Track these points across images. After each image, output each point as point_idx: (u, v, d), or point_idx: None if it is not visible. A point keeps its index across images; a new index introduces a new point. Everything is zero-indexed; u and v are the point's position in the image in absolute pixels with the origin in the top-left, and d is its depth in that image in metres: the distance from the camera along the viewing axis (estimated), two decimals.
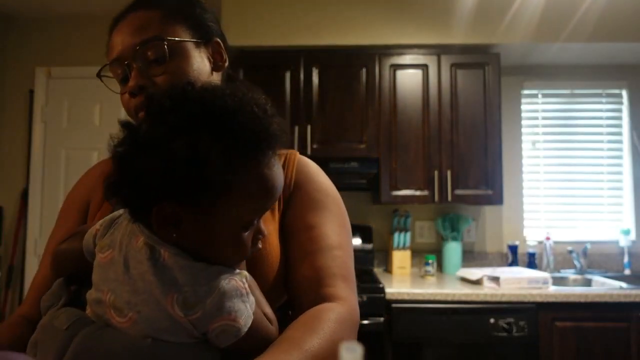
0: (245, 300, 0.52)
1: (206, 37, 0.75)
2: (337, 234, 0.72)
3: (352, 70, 2.55)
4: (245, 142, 0.52)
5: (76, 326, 0.52)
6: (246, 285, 0.54)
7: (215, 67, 0.76)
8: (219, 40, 0.77)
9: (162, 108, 0.52)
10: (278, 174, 0.56)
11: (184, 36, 0.72)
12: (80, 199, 0.81)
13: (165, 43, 0.69)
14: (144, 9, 0.72)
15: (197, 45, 0.73)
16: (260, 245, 0.59)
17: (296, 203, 0.73)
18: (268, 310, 0.58)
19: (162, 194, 0.50)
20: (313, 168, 0.79)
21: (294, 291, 0.69)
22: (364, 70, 2.54)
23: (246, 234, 0.55)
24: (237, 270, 0.56)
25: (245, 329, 0.51)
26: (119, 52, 0.71)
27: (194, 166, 0.49)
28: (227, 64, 0.78)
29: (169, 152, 0.49)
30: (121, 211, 0.59)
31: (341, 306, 0.63)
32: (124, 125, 0.53)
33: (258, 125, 0.53)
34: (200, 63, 0.73)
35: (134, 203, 0.53)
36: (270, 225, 0.70)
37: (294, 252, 0.70)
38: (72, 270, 0.61)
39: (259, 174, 0.53)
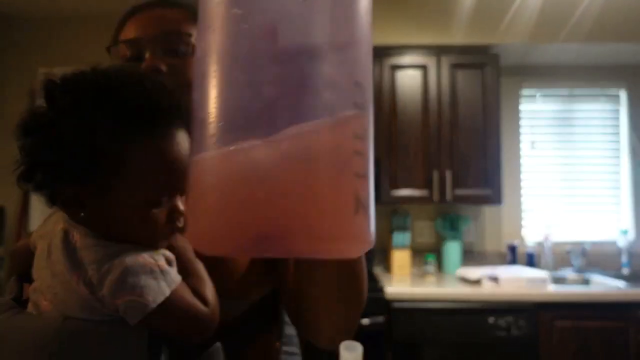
0: (156, 276, 0.51)
1: None
2: None
3: None
4: (134, 116, 0.51)
5: None
6: (160, 263, 0.52)
7: None
8: None
9: (52, 92, 0.53)
10: (178, 149, 0.53)
11: None
12: None
13: (188, 38, 0.70)
14: (169, 7, 0.73)
15: None
16: (180, 224, 0.56)
17: None
18: (207, 291, 0.56)
19: (59, 177, 0.52)
20: None
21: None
22: None
23: (154, 212, 0.53)
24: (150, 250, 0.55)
25: (154, 305, 0.50)
26: (138, 34, 0.71)
27: (81, 145, 0.49)
28: None
29: (57, 135, 0.50)
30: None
31: None
32: (27, 112, 0.54)
33: (149, 99, 0.52)
34: None
35: (42, 188, 0.54)
36: None
37: None
38: (24, 269, 0.61)
39: (154, 148, 0.52)
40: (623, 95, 2.91)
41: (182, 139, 0.54)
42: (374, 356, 2.07)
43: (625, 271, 2.68)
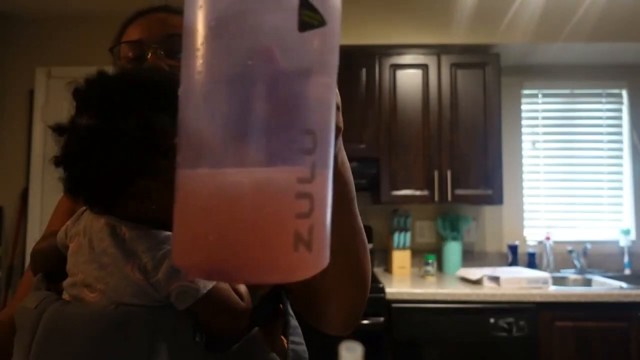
0: None
1: None
2: None
3: (352, 70, 2.55)
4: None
5: (44, 304, 0.55)
6: None
7: None
8: None
9: (92, 98, 0.54)
10: None
11: None
12: (67, 203, 0.83)
13: None
14: (172, 13, 0.76)
15: None
16: None
17: None
18: (242, 287, 0.59)
19: (130, 175, 0.53)
20: None
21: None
22: (363, 70, 2.54)
23: None
24: None
25: (204, 291, 0.52)
26: (141, 36, 0.73)
27: (150, 138, 0.51)
28: None
29: (120, 137, 0.51)
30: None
31: None
32: (57, 129, 0.54)
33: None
34: None
35: (99, 197, 0.56)
36: None
37: None
38: (50, 268, 0.63)
39: None
40: (625, 94, 2.90)
41: None
42: (374, 356, 2.06)
43: (627, 271, 2.67)
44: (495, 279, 2.21)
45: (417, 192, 2.50)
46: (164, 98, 0.53)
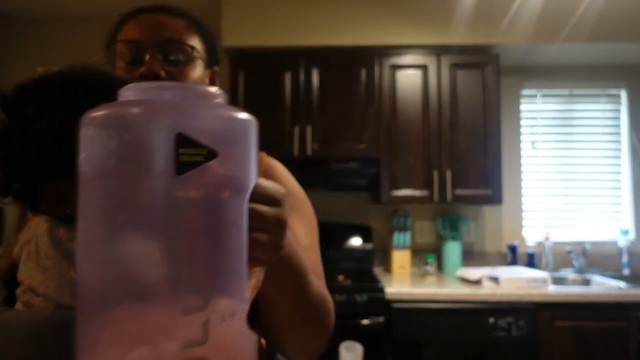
0: None
1: (211, 61, 0.79)
2: (307, 235, 0.76)
3: (352, 71, 2.55)
4: (95, 102, 0.53)
5: None
6: None
7: None
8: (217, 69, 0.81)
9: (9, 101, 0.56)
10: None
11: (201, 52, 0.75)
12: (19, 211, 0.85)
13: (189, 49, 0.73)
14: (168, 14, 0.75)
15: (205, 65, 0.77)
16: None
17: None
18: None
19: (39, 176, 0.54)
20: (281, 169, 0.81)
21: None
22: (363, 70, 2.55)
23: None
24: None
25: None
26: (140, 37, 0.72)
27: (57, 141, 0.52)
28: None
29: (33, 138, 0.52)
30: None
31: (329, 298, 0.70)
32: None
33: (102, 83, 0.55)
34: (202, 81, 0.76)
35: (23, 195, 0.57)
36: None
37: None
38: (9, 279, 0.64)
39: None
40: (623, 95, 2.91)
41: None
42: (374, 356, 2.07)
43: (626, 271, 2.67)
44: (495, 279, 2.22)
45: (417, 192, 2.51)
46: (83, 100, 0.52)
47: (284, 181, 0.78)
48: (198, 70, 0.74)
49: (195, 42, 0.75)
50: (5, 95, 0.57)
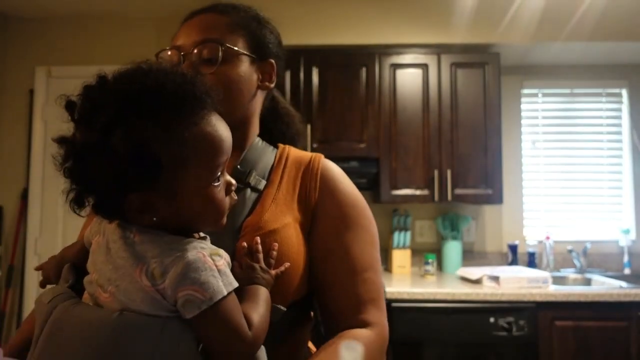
0: (214, 275, 0.53)
1: (262, 55, 0.79)
2: (368, 254, 0.76)
3: (352, 70, 2.55)
4: (174, 111, 0.53)
5: (56, 300, 0.56)
6: (218, 263, 0.54)
7: (261, 86, 0.80)
8: (272, 61, 0.81)
9: (84, 111, 0.53)
10: (220, 127, 0.58)
11: (241, 47, 0.76)
12: None
13: (222, 48, 0.73)
14: (216, 13, 0.77)
15: (251, 60, 0.77)
16: (235, 197, 0.62)
17: (326, 216, 0.74)
18: (255, 316, 0.57)
19: (124, 190, 0.52)
20: (338, 175, 0.80)
21: (327, 316, 0.74)
22: (364, 69, 2.54)
23: (217, 190, 0.57)
24: (210, 247, 0.56)
25: (211, 303, 0.51)
26: (182, 42, 0.75)
27: (139, 155, 0.50)
28: (273, 85, 0.83)
29: (111, 152, 0.50)
30: None
31: (371, 331, 0.70)
32: (59, 140, 0.54)
33: (181, 92, 0.54)
34: (248, 76, 0.77)
35: (105, 208, 0.55)
36: (285, 218, 0.72)
37: (326, 275, 0.73)
38: (79, 262, 0.64)
39: (200, 135, 0.55)
40: (624, 93, 2.90)
41: (217, 119, 0.58)
42: None
43: (627, 271, 2.67)
44: (495, 279, 2.21)
45: (417, 192, 2.50)
46: (154, 105, 0.52)
47: (343, 190, 0.77)
48: (240, 67, 0.75)
49: (237, 39, 0.75)
50: (71, 102, 0.54)
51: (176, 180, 0.53)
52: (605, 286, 2.33)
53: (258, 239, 0.67)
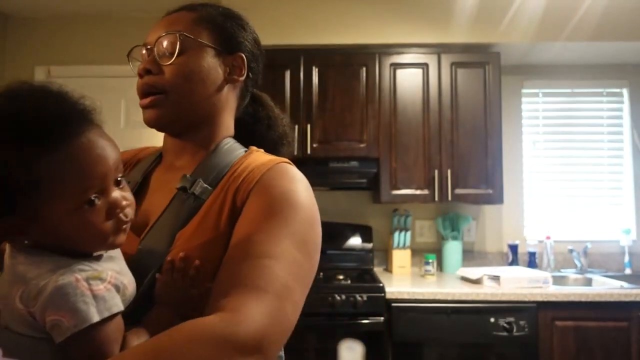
0: (86, 301, 0.51)
1: (230, 49, 0.78)
2: (277, 244, 0.62)
3: (352, 70, 2.54)
4: (34, 136, 0.52)
5: None
6: (95, 287, 0.52)
7: (229, 79, 0.78)
8: (243, 56, 0.79)
9: None
10: (96, 148, 0.55)
11: (205, 40, 0.75)
12: None
13: (180, 38, 0.73)
14: (185, 10, 0.77)
15: (217, 53, 0.76)
16: (125, 218, 0.58)
17: (249, 205, 0.68)
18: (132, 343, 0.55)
19: None
20: (288, 174, 0.71)
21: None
22: (364, 69, 2.54)
23: (90, 213, 0.55)
24: (94, 269, 0.55)
25: (76, 330, 0.50)
26: (149, 39, 0.76)
27: (3, 181, 0.50)
28: (242, 78, 0.80)
29: None
30: None
31: (217, 318, 0.54)
32: None
33: (46, 115, 0.53)
34: (211, 68, 0.75)
35: None
36: (216, 230, 0.67)
37: (224, 261, 0.63)
38: None
39: (64, 158, 0.53)
40: (625, 93, 2.90)
41: (95, 138, 0.56)
42: (374, 356, 2.06)
43: (628, 271, 2.66)
44: (496, 279, 2.21)
45: (417, 192, 2.50)
46: (13, 131, 0.51)
47: (278, 185, 0.69)
48: (203, 58, 0.74)
49: (200, 31, 0.75)
50: None
51: (40, 205, 0.53)
52: (605, 286, 2.32)
53: (182, 254, 0.64)
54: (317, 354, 2.10)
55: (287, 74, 2.52)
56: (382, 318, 2.10)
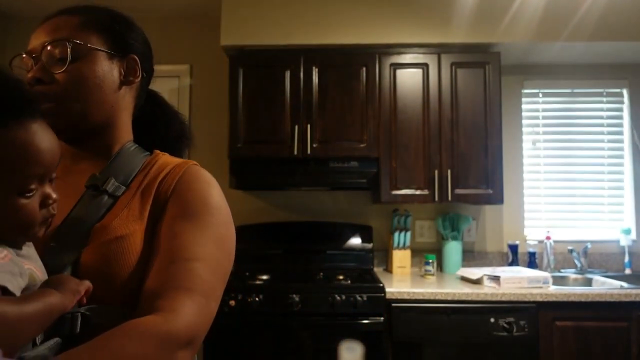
0: None
1: (122, 51, 0.78)
2: (201, 245, 0.68)
3: (352, 70, 2.54)
4: None
5: None
6: None
7: (125, 81, 0.79)
8: (135, 57, 0.80)
9: None
10: (38, 138, 0.57)
11: (95, 44, 0.75)
12: None
13: (70, 45, 0.72)
14: (67, 14, 0.76)
15: (110, 56, 0.76)
16: (53, 211, 0.61)
17: (170, 210, 0.71)
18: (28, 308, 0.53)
19: None
20: (202, 178, 0.76)
21: (138, 305, 0.64)
22: (364, 69, 2.54)
23: (25, 201, 0.57)
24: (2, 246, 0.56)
25: None
26: (32, 46, 0.75)
27: None
28: (138, 79, 0.80)
29: None
30: None
31: (159, 317, 0.58)
32: None
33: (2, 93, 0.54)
34: (107, 72, 0.76)
35: None
36: (135, 224, 0.70)
37: (152, 264, 0.67)
38: None
39: (9, 139, 0.54)
40: (625, 93, 2.90)
41: (38, 129, 0.57)
42: (374, 356, 2.06)
43: (628, 271, 2.66)
44: (496, 279, 2.21)
45: (417, 192, 2.50)
46: None
47: (196, 189, 0.73)
48: (96, 63, 0.74)
49: (89, 36, 0.74)
50: None
51: None
52: (605, 286, 2.32)
53: (90, 288, 0.62)
54: (317, 354, 2.10)
55: (287, 74, 2.52)
56: (382, 318, 2.10)
